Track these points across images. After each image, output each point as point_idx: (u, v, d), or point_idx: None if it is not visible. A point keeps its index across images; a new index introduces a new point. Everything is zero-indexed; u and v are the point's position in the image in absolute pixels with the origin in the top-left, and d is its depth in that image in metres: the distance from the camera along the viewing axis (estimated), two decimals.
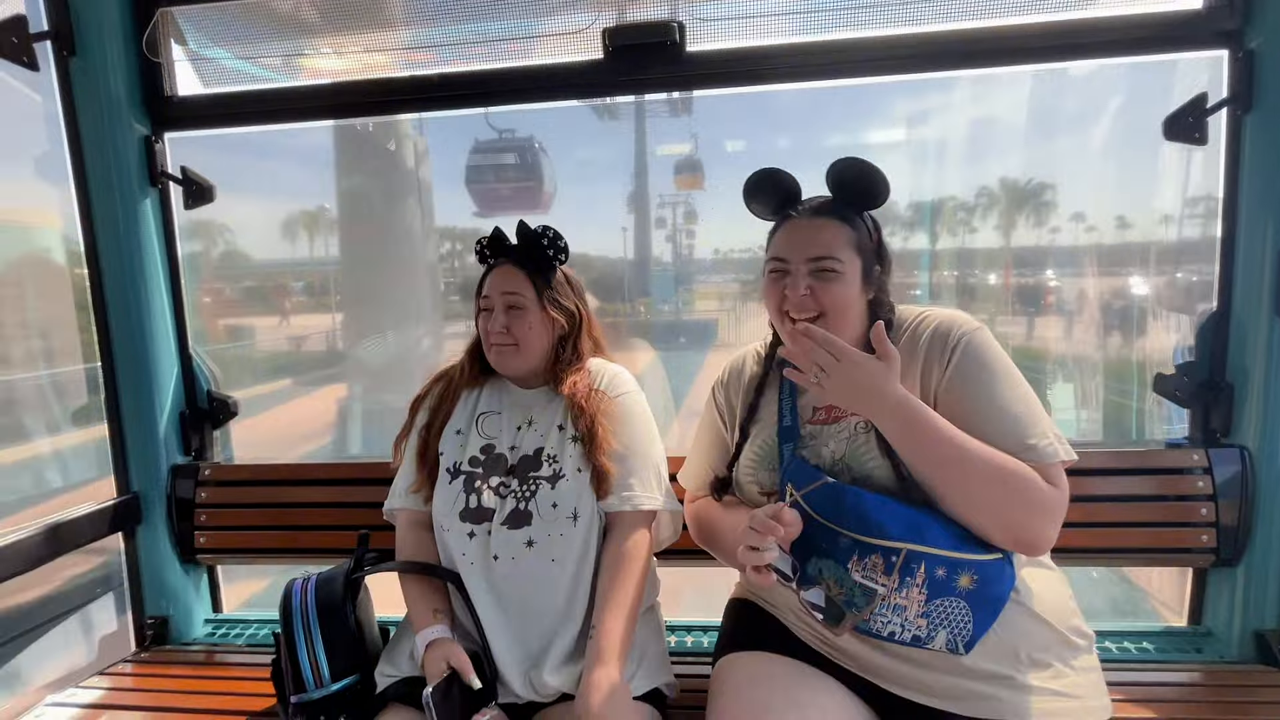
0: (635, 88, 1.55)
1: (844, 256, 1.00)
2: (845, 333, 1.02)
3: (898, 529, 0.89)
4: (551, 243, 1.17)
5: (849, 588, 0.93)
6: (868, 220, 1.04)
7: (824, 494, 0.95)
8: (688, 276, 2.92)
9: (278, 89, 1.63)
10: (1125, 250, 1.74)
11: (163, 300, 1.70)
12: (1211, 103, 1.40)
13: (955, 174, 1.83)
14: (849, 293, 1.00)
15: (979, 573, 0.88)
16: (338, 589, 1.17)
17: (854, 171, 1.01)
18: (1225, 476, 1.40)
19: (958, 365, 0.95)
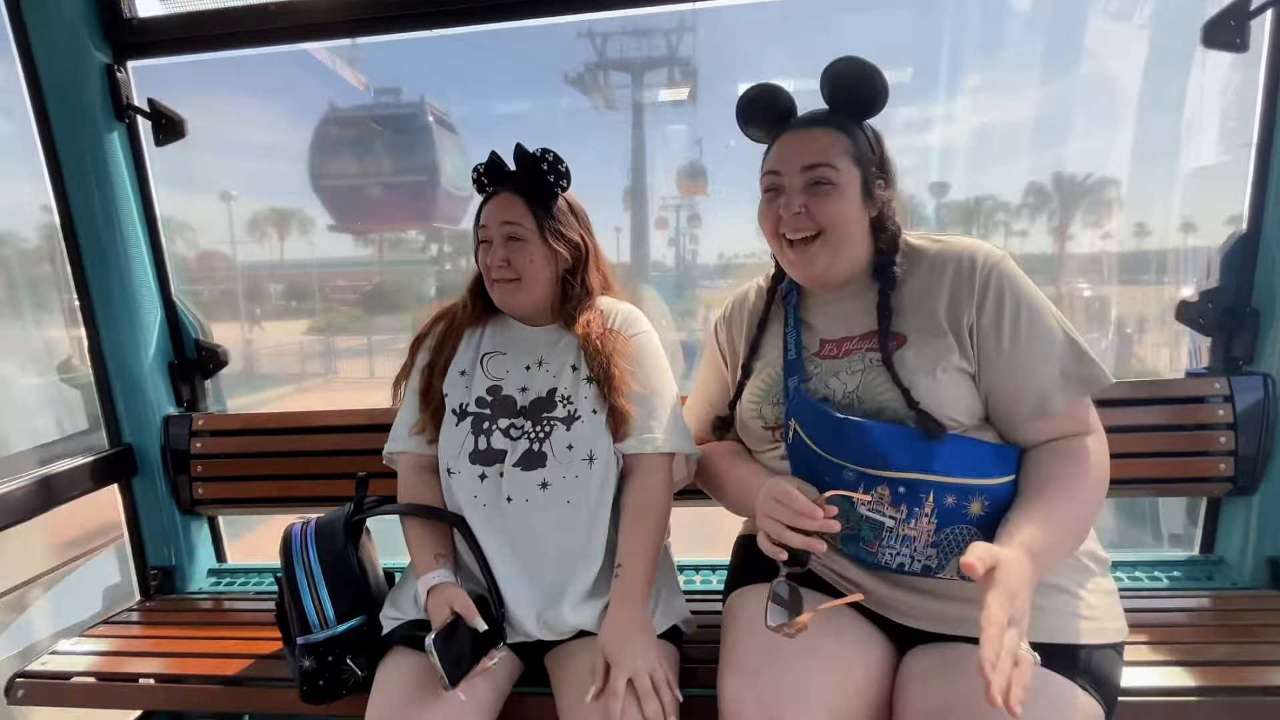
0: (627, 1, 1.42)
1: (840, 165, 0.93)
2: (847, 255, 0.97)
3: (904, 459, 0.86)
4: (551, 167, 1.09)
5: (856, 521, 0.90)
6: (868, 130, 0.97)
7: (826, 427, 0.91)
8: (690, 283, 2.44)
9: (243, 8, 1.50)
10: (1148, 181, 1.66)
11: (140, 244, 1.62)
12: (1256, 4, 1.29)
13: (968, 102, 1.73)
14: (848, 207, 0.93)
15: (989, 496, 0.86)
16: (338, 531, 1.14)
17: (847, 75, 0.93)
18: (1246, 404, 1.37)
19: (995, 299, 0.89)
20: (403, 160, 5.11)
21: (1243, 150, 1.39)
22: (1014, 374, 0.89)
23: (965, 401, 0.90)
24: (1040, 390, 0.88)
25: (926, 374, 0.89)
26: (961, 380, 0.91)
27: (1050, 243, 3.85)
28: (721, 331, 1.19)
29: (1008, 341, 0.88)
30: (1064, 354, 0.89)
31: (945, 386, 0.89)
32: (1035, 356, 0.88)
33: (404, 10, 1.47)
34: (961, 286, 0.91)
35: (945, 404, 0.89)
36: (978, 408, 0.92)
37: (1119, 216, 3.21)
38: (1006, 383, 0.89)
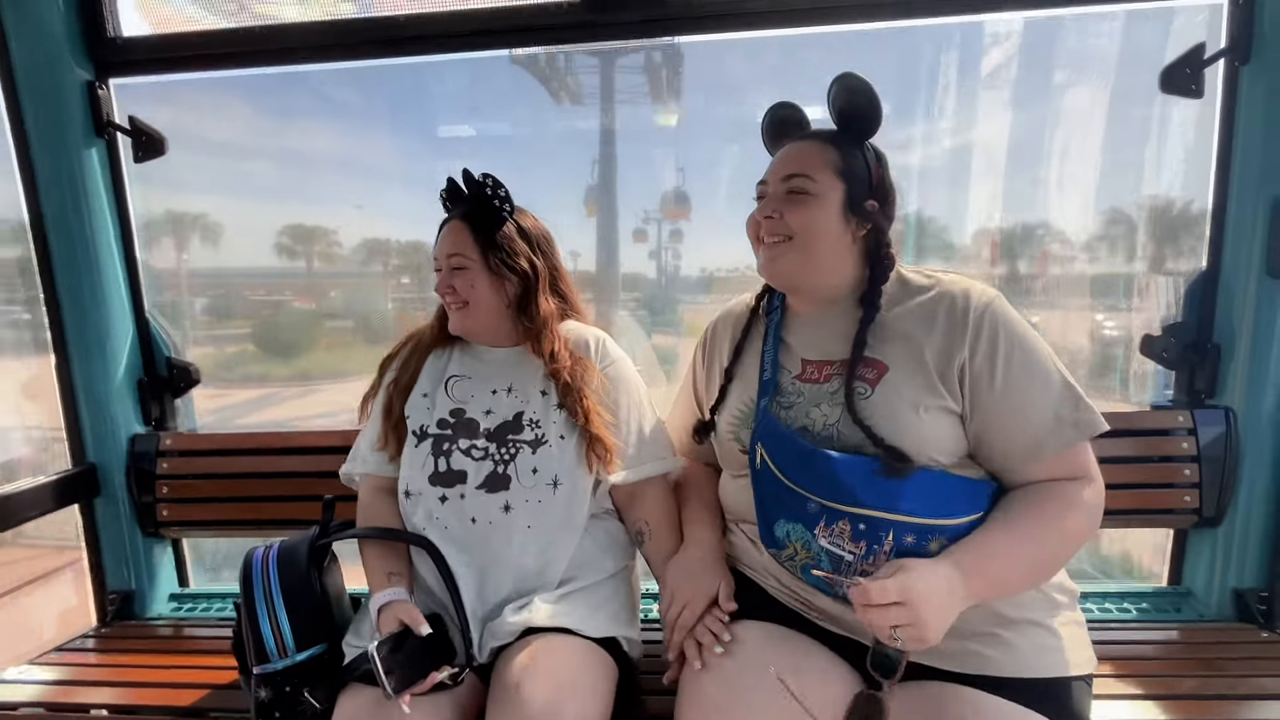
0: (616, 33, 1.46)
1: (819, 176, 0.94)
2: (821, 266, 0.97)
3: (868, 495, 0.85)
4: (493, 192, 1.09)
5: (815, 553, 0.90)
6: (868, 151, 0.97)
7: (792, 454, 0.91)
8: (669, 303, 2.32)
9: (232, 29, 1.52)
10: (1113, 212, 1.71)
11: (114, 261, 1.60)
12: (1209, 53, 1.35)
13: (945, 139, 1.79)
14: (822, 217, 0.94)
15: (950, 538, 0.85)
16: (301, 555, 1.11)
17: (842, 92, 0.95)
18: (1209, 437, 1.39)
19: (988, 340, 0.87)
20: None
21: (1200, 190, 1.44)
22: (1006, 416, 0.87)
23: (947, 441, 0.89)
24: (1034, 433, 0.87)
25: (910, 409, 0.88)
26: (945, 420, 0.89)
27: (1030, 266, 3.97)
28: (700, 353, 1.20)
29: (1000, 383, 0.87)
30: (1059, 398, 0.87)
31: (927, 425, 0.88)
32: (1028, 399, 0.87)
33: (384, 35, 1.49)
34: (954, 327, 0.89)
35: (926, 442, 0.88)
36: (960, 448, 0.91)
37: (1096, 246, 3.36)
38: (999, 425, 0.88)
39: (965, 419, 0.90)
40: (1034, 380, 0.87)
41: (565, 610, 1.04)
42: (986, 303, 0.89)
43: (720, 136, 2.21)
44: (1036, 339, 0.90)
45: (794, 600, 1.01)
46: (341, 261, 2.45)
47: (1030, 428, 0.87)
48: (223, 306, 2.24)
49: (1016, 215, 1.82)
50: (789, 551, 0.93)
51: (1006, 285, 1.77)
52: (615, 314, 2.18)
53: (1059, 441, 0.87)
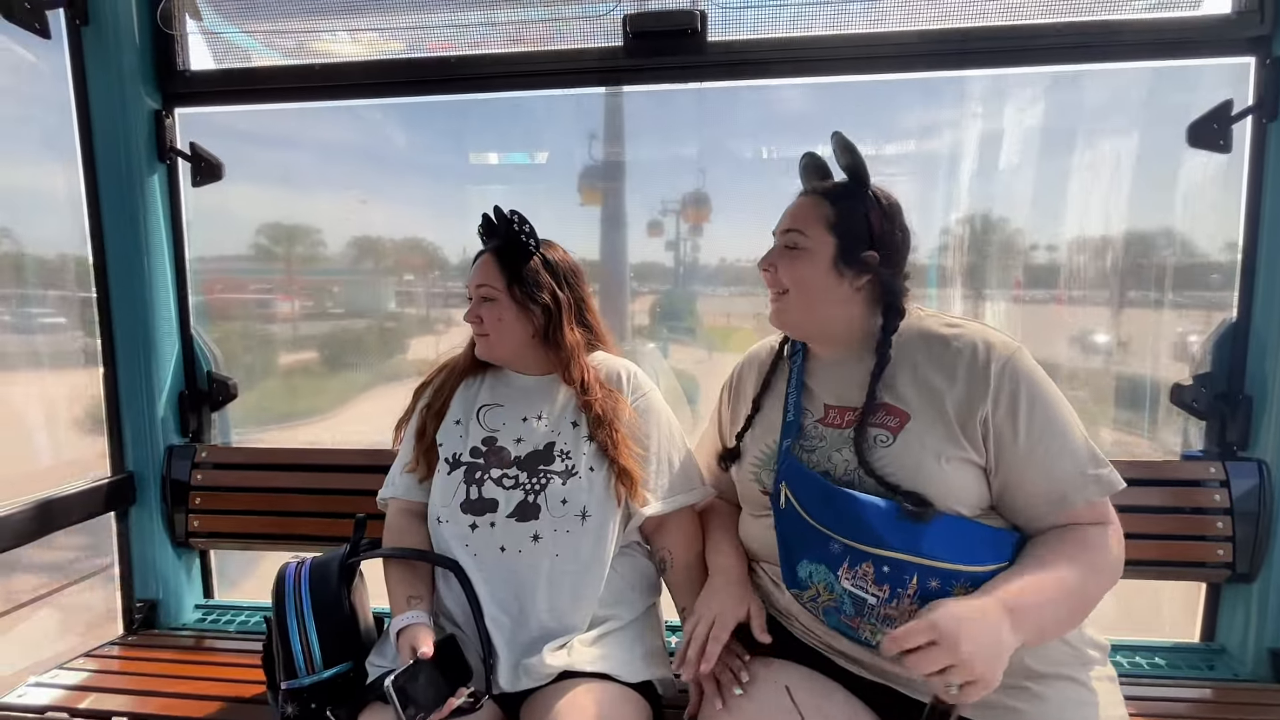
0: (654, 77, 1.53)
1: (810, 232, 0.97)
2: (822, 317, 0.99)
3: (893, 537, 0.85)
4: (518, 227, 1.14)
5: (838, 594, 0.90)
6: (871, 202, 0.98)
7: (816, 494, 0.91)
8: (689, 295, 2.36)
9: (291, 66, 1.61)
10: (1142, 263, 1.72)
11: (166, 278, 1.67)
12: (1237, 110, 1.38)
13: (969, 185, 1.81)
14: (811, 272, 0.97)
15: (974, 585, 0.84)
16: (333, 573, 1.13)
17: (839, 154, 0.99)
18: (1242, 490, 1.37)
19: (1010, 395, 0.88)
20: None
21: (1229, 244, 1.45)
22: (1030, 470, 0.88)
23: (969, 492, 0.89)
24: (1058, 488, 0.87)
25: (933, 459, 0.88)
26: (967, 471, 0.89)
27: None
28: (726, 394, 1.22)
29: (1023, 438, 0.87)
30: (1081, 454, 0.88)
31: (950, 475, 0.88)
32: (1051, 454, 0.87)
33: (434, 76, 1.59)
34: (975, 379, 0.89)
35: (949, 493, 0.88)
36: (983, 499, 0.91)
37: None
38: (1022, 479, 0.88)
39: (989, 471, 0.90)
40: (1056, 436, 0.87)
41: (604, 654, 1.05)
42: (1008, 356, 0.89)
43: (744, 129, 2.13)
44: (1058, 394, 0.90)
45: (817, 643, 1.00)
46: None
47: (1054, 483, 0.87)
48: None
49: (1035, 259, 1.84)
50: (811, 593, 0.93)
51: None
52: (626, 328, 2.12)
53: (1082, 496, 0.87)
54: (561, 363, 1.16)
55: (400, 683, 0.92)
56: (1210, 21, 1.36)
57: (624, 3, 1.45)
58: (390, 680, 0.92)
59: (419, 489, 1.19)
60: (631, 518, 1.14)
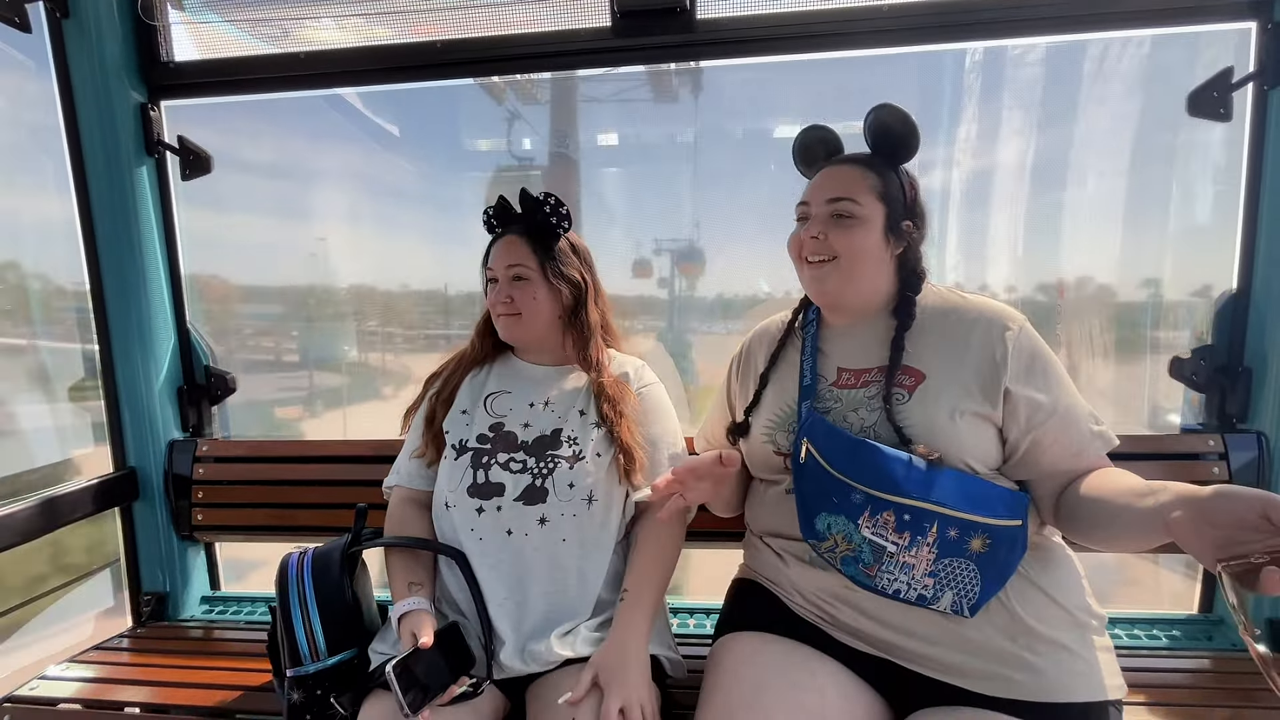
0: (644, 57, 1.50)
1: (863, 200, 0.98)
2: (862, 284, 1.02)
3: (915, 486, 0.88)
4: (554, 210, 1.15)
5: (857, 544, 0.91)
6: (903, 174, 1.02)
7: (841, 446, 0.93)
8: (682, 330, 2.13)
9: (277, 55, 1.59)
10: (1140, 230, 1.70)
11: (159, 273, 1.67)
12: (1238, 77, 1.35)
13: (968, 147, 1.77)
14: (867, 239, 0.99)
15: (992, 536, 0.88)
16: (334, 562, 1.14)
17: (882, 122, 1.00)
18: (1241, 462, 1.37)
19: (1030, 362, 0.94)
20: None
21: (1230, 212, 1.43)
22: (1057, 427, 0.93)
23: (982, 448, 0.93)
24: (1076, 443, 0.94)
25: (946, 415, 0.92)
26: (981, 427, 0.94)
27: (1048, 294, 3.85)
28: (735, 367, 1.23)
29: (1049, 400, 0.93)
30: (1085, 410, 0.96)
31: (963, 431, 0.92)
32: (1072, 412, 0.94)
33: (421, 60, 1.56)
34: (993, 347, 0.94)
35: (963, 449, 0.92)
36: (994, 456, 0.95)
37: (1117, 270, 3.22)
38: (1053, 436, 0.94)
39: (1004, 431, 0.95)
40: (1069, 394, 0.95)
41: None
42: (1020, 326, 0.95)
43: (740, 156, 2.15)
44: (1059, 361, 0.97)
45: (817, 617, 1.02)
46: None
47: (1073, 439, 0.94)
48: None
49: (1038, 237, 1.82)
50: (829, 543, 0.95)
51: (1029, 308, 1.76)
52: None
53: (1093, 450, 0.95)
54: (582, 341, 1.19)
55: (401, 669, 0.93)
56: None
57: None
58: (391, 666, 0.93)
59: (423, 477, 1.20)
60: (630, 502, 1.15)
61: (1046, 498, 0.97)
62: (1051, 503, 0.96)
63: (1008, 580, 0.89)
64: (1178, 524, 0.72)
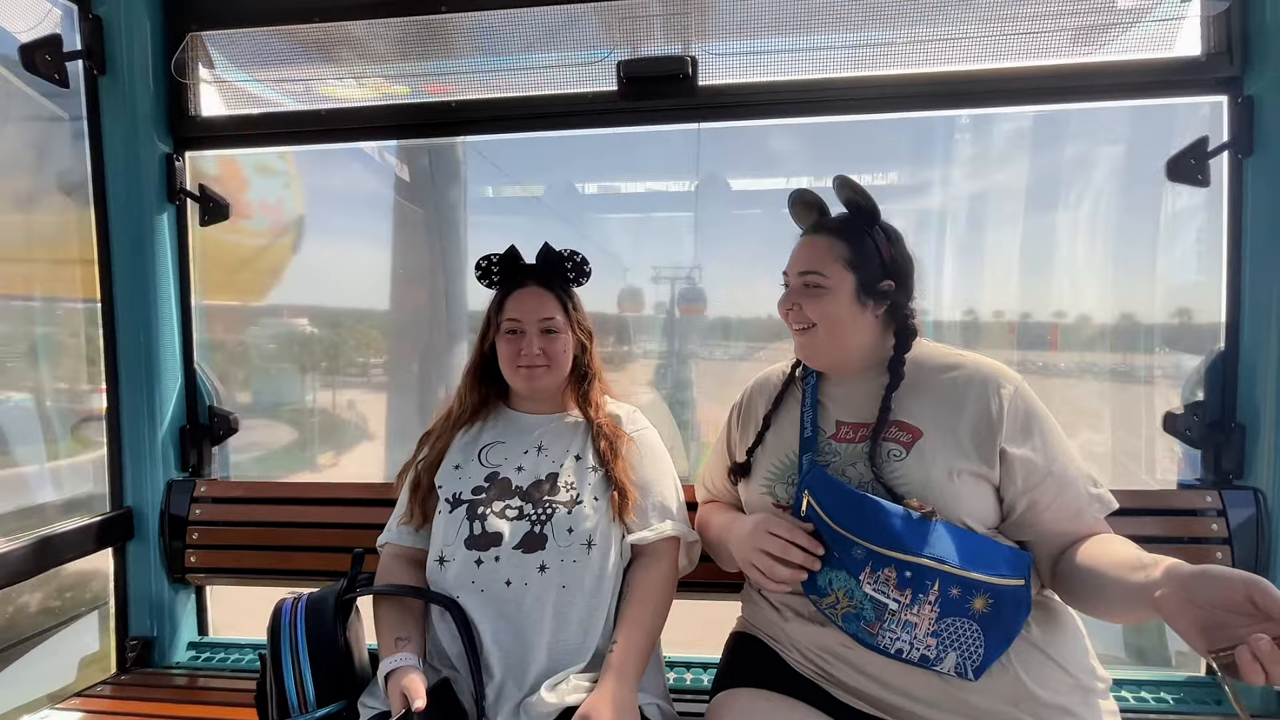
0: (647, 119, 1.58)
1: (830, 272, 1.02)
2: (847, 345, 1.04)
3: (916, 542, 0.88)
4: (577, 267, 1.21)
5: (859, 600, 0.91)
6: (878, 235, 1.04)
7: (843, 500, 0.94)
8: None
9: (298, 112, 1.67)
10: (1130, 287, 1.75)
11: (171, 314, 1.70)
12: (1213, 146, 1.42)
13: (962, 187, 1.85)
14: (836, 307, 1.02)
15: (994, 596, 0.87)
16: (328, 609, 1.13)
17: (844, 192, 1.05)
18: (1240, 520, 1.37)
19: (1025, 423, 0.95)
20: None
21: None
22: (1054, 488, 0.94)
23: (980, 508, 0.94)
24: (1075, 504, 0.95)
25: (943, 473, 0.93)
26: (979, 487, 0.94)
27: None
28: (735, 415, 1.24)
29: (1045, 460, 0.94)
30: (1082, 472, 0.96)
31: (961, 491, 0.93)
32: (1069, 473, 0.95)
33: (436, 120, 1.65)
34: (988, 407, 0.95)
35: (961, 508, 0.92)
36: (991, 515, 0.96)
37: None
38: (1050, 497, 0.94)
39: (1001, 491, 0.95)
40: (1066, 455, 0.95)
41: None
42: (1015, 386, 0.97)
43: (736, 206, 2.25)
44: (1055, 421, 0.98)
45: (816, 674, 1.00)
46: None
47: (1071, 499, 0.95)
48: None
49: (1031, 296, 1.87)
50: (831, 599, 0.94)
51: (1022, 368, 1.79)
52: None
53: (1091, 512, 0.95)
54: (586, 385, 1.22)
55: None
56: (1183, 63, 1.41)
57: (618, 50, 1.51)
58: None
59: (414, 536, 1.21)
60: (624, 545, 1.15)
61: (1045, 560, 0.97)
62: (1050, 566, 0.96)
63: (1012, 642, 0.88)
64: (1164, 602, 0.73)
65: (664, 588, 1.13)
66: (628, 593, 1.12)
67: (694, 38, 1.52)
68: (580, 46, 1.53)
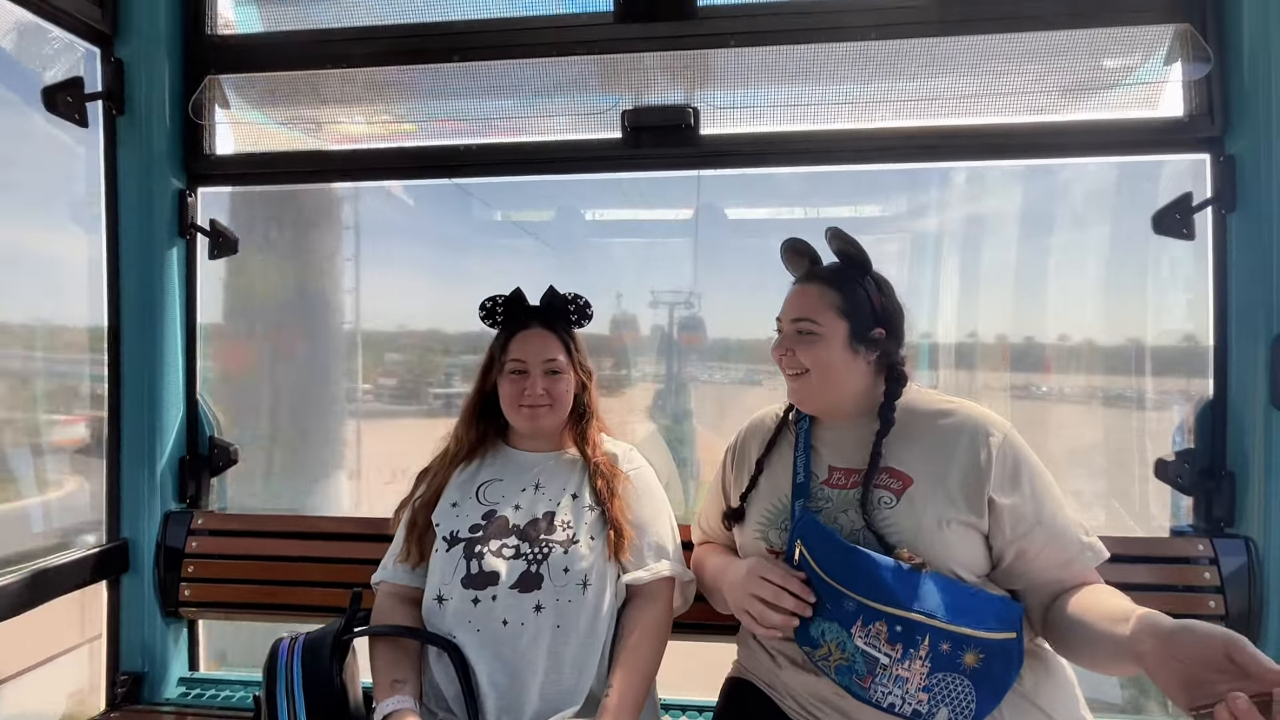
0: (651, 165, 1.63)
1: (823, 319, 1.05)
2: (840, 390, 1.06)
3: (907, 596, 0.89)
4: (579, 309, 1.24)
5: (851, 653, 0.91)
6: (869, 284, 1.07)
7: (834, 552, 0.95)
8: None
9: (309, 151, 1.72)
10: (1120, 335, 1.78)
11: (176, 345, 1.72)
12: (1197, 201, 1.46)
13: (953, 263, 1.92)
14: (829, 353, 1.04)
15: (985, 651, 0.88)
16: (326, 650, 1.13)
17: (835, 244, 1.09)
18: (1232, 568, 1.38)
19: (1014, 472, 0.97)
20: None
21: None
22: (1043, 538, 0.95)
23: (970, 556, 0.95)
24: (1065, 553, 0.96)
25: (933, 522, 0.95)
26: (968, 536, 0.96)
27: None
28: (730, 458, 1.26)
29: (1034, 510, 0.95)
30: (1072, 521, 0.98)
31: (951, 540, 0.94)
32: (1058, 522, 0.96)
33: (447, 162, 1.69)
34: (977, 456, 0.97)
35: (950, 556, 0.94)
36: (981, 564, 0.97)
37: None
38: (1039, 546, 0.95)
39: (990, 539, 0.96)
40: (1056, 503, 0.97)
41: None
42: (1004, 434, 0.98)
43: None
44: (1044, 469, 0.99)
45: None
46: None
47: (1061, 549, 0.95)
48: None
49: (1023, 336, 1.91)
50: (823, 651, 0.95)
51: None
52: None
53: (1082, 562, 0.96)
54: (585, 423, 1.25)
55: None
56: (1166, 123, 1.46)
57: (623, 99, 1.56)
58: None
59: (410, 575, 1.21)
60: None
61: (1036, 608, 0.98)
62: (1041, 614, 0.97)
63: (1004, 696, 0.88)
64: (1146, 656, 0.74)
65: (659, 630, 1.14)
66: (622, 635, 1.12)
67: (696, 88, 1.58)
68: (587, 95, 1.59)
